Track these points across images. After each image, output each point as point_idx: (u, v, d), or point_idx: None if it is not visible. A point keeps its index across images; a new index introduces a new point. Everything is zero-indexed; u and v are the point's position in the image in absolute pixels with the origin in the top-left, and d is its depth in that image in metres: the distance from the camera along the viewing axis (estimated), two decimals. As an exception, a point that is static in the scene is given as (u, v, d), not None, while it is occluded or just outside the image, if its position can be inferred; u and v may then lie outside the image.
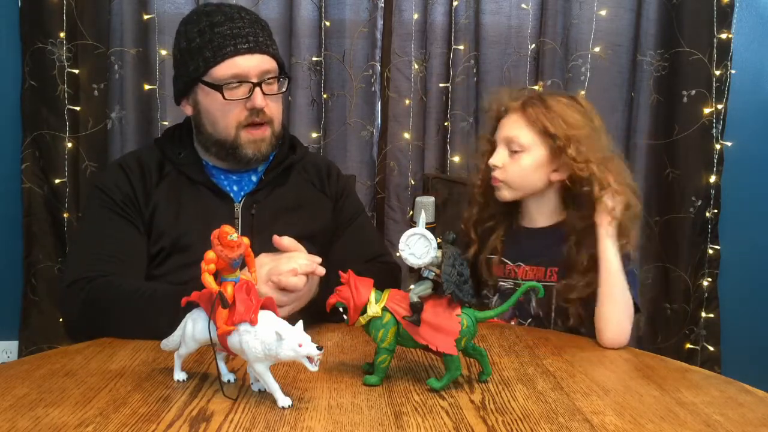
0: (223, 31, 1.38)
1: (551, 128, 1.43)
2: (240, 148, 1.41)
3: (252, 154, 1.42)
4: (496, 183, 1.49)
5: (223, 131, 1.41)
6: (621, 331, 1.30)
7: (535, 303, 1.48)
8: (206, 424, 0.87)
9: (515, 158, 1.46)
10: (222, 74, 1.37)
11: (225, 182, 1.48)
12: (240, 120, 1.40)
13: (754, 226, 2.48)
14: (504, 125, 1.49)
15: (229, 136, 1.41)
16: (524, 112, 1.47)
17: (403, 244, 1.00)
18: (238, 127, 1.40)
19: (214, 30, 1.38)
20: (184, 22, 1.44)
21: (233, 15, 1.40)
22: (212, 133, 1.43)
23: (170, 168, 1.46)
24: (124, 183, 1.42)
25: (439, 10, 2.34)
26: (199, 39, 1.39)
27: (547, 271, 1.48)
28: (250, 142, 1.42)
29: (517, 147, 1.46)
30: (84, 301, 1.28)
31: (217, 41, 1.37)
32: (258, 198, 1.47)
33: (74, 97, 2.28)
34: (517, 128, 1.46)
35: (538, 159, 1.45)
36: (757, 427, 0.94)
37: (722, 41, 2.33)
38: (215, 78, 1.38)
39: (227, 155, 1.44)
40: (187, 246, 1.37)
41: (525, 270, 1.49)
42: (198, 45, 1.39)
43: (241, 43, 1.38)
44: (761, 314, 2.50)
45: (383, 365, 1.02)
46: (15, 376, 1.03)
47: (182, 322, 1.01)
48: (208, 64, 1.38)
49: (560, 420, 0.92)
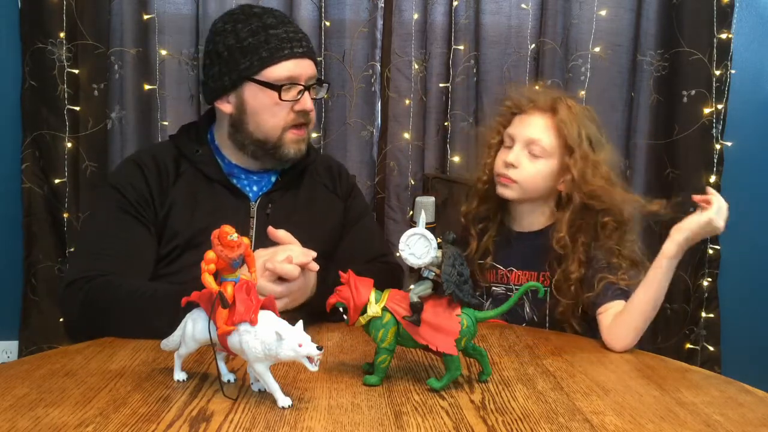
0: (279, 33, 1.42)
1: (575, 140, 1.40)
2: (283, 147, 1.45)
3: (293, 153, 1.46)
4: (507, 181, 1.45)
5: (269, 131, 1.44)
6: (635, 341, 1.27)
7: (528, 307, 1.47)
8: (206, 424, 0.87)
9: (534, 161, 1.43)
10: (277, 75, 1.41)
11: (245, 182, 1.49)
12: (288, 121, 1.43)
13: (754, 226, 2.48)
14: (524, 123, 1.46)
15: (274, 137, 1.44)
16: (553, 115, 1.43)
17: (403, 244, 1.00)
18: (284, 128, 1.44)
19: (268, 31, 1.41)
20: (231, 21, 1.45)
21: (284, 19, 1.46)
22: (254, 131, 1.44)
23: (187, 166, 1.46)
24: (139, 181, 1.42)
25: (439, 10, 2.34)
26: (252, 38, 1.41)
27: (540, 276, 1.46)
28: (293, 142, 1.45)
29: (538, 151, 1.43)
30: (83, 300, 1.28)
31: (274, 43, 1.41)
32: (273, 198, 1.49)
33: (74, 97, 2.28)
34: (542, 131, 1.43)
35: (553, 167, 1.43)
36: (757, 427, 0.94)
37: (722, 41, 2.33)
38: (270, 78, 1.41)
39: (265, 154, 1.46)
40: (200, 244, 1.36)
41: (518, 275, 1.48)
42: (252, 44, 1.41)
43: (296, 47, 1.42)
44: (761, 314, 2.50)
45: (383, 365, 1.03)
46: (15, 376, 1.03)
47: (182, 322, 1.01)
48: (264, 64, 1.40)
49: (560, 420, 0.92)
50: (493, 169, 1.49)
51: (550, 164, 1.43)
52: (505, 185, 1.45)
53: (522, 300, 1.45)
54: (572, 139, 1.41)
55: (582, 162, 1.40)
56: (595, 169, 1.41)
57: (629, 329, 1.27)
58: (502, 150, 1.48)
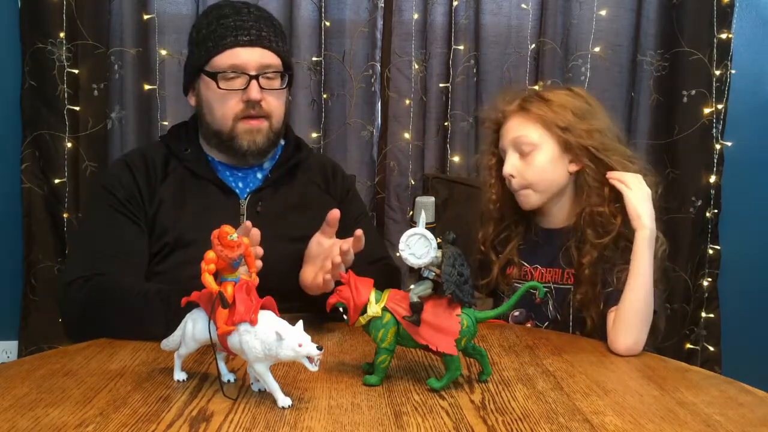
0: (227, 22, 1.40)
1: (555, 119, 1.39)
2: (236, 138, 1.43)
3: (247, 145, 1.43)
4: (519, 192, 1.44)
5: (220, 121, 1.43)
6: (636, 341, 1.25)
7: (552, 306, 1.46)
8: (206, 424, 0.87)
9: (528, 160, 1.42)
10: (220, 64, 1.40)
11: (230, 178, 1.49)
12: (236, 111, 1.41)
13: (754, 226, 2.48)
14: (507, 130, 1.45)
15: (226, 127, 1.42)
16: (525, 110, 1.43)
17: (403, 244, 1.00)
18: (235, 119, 1.42)
19: (219, 21, 1.41)
20: (198, 16, 1.48)
21: (241, 9, 1.43)
22: (211, 123, 1.45)
23: (176, 164, 1.46)
24: (128, 180, 1.42)
25: (439, 10, 2.34)
26: (205, 30, 1.42)
27: (564, 274, 1.45)
28: (245, 132, 1.42)
29: (527, 147, 1.41)
30: (81, 301, 1.28)
31: (220, 32, 1.40)
32: (263, 196, 1.47)
33: (74, 97, 2.28)
34: (522, 128, 1.43)
35: (552, 153, 1.41)
36: (757, 427, 0.93)
37: (722, 41, 2.33)
38: (214, 67, 1.40)
39: (225, 146, 1.45)
40: (190, 242, 1.37)
41: (542, 272, 1.46)
42: (203, 36, 1.42)
43: (242, 35, 1.40)
44: (761, 314, 2.50)
45: (383, 365, 1.02)
46: (15, 376, 1.03)
47: (182, 322, 1.01)
48: (210, 54, 1.40)
49: (560, 420, 0.92)
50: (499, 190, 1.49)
51: (546, 152, 1.41)
52: (521, 195, 1.44)
53: (547, 298, 1.44)
54: (550, 118, 1.40)
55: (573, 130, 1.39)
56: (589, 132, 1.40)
57: (626, 329, 1.25)
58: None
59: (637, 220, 1.30)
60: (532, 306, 1.48)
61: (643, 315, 1.27)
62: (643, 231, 1.29)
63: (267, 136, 1.44)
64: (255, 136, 1.43)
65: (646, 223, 1.30)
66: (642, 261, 1.28)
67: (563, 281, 1.45)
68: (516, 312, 1.49)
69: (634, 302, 1.27)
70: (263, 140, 1.44)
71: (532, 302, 1.47)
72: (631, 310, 1.27)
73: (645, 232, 1.29)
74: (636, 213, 1.31)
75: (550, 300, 1.45)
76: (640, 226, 1.30)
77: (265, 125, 1.44)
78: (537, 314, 1.48)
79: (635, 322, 1.26)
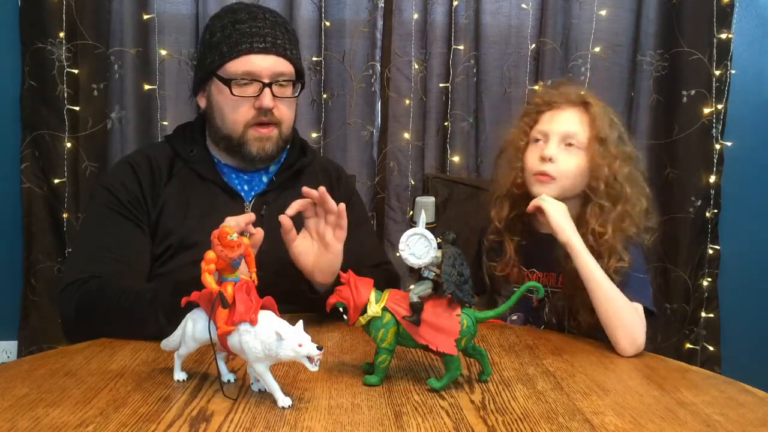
0: (243, 28, 1.40)
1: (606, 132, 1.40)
2: (245, 145, 1.42)
3: (256, 152, 1.43)
4: (545, 179, 1.41)
5: (230, 126, 1.42)
6: (632, 340, 1.24)
7: (548, 309, 1.47)
8: (206, 424, 0.87)
9: (570, 155, 1.41)
10: (234, 70, 1.39)
11: (236, 181, 1.49)
12: (248, 118, 1.41)
13: (754, 226, 2.49)
14: (558, 118, 1.43)
15: (236, 133, 1.42)
16: (586, 109, 1.43)
17: (403, 244, 1.00)
18: (246, 125, 1.42)
19: (235, 27, 1.40)
20: (212, 17, 1.47)
21: (257, 14, 1.43)
22: (221, 127, 1.44)
23: (181, 165, 1.46)
24: (131, 181, 1.42)
25: (439, 10, 2.34)
26: (219, 34, 1.41)
27: (559, 278, 1.44)
28: (255, 140, 1.42)
29: (575, 144, 1.41)
30: (76, 302, 1.28)
31: (235, 37, 1.40)
32: (268, 199, 1.47)
33: (74, 97, 2.28)
34: (577, 124, 1.42)
35: (586, 162, 1.41)
36: (757, 427, 0.94)
37: (722, 41, 2.33)
38: (228, 73, 1.40)
39: (233, 151, 1.45)
40: (194, 243, 1.37)
41: (538, 276, 1.46)
42: (218, 40, 1.41)
43: (257, 41, 1.39)
44: (761, 314, 2.50)
45: (383, 365, 1.02)
46: (15, 376, 1.03)
47: (182, 322, 1.01)
48: (224, 59, 1.40)
49: (560, 420, 0.92)
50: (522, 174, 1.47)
51: (584, 158, 1.41)
52: (543, 183, 1.42)
53: (543, 301, 1.45)
54: (604, 131, 1.41)
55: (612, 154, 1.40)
56: (623, 161, 1.41)
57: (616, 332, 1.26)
58: (531, 149, 1.45)
59: (561, 234, 1.34)
60: (529, 310, 1.48)
61: (623, 313, 1.27)
62: (570, 241, 1.33)
63: (276, 144, 1.45)
64: (265, 143, 1.43)
65: (569, 234, 1.34)
66: (587, 268, 1.31)
67: (558, 285, 1.45)
68: (514, 316, 1.49)
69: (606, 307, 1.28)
70: (272, 147, 1.44)
71: (530, 306, 1.47)
72: (610, 314, 1.27)
73: (571, 241, 1.33)
74: (559, 227, 1.34)
75: (547, 303, 1.46)
76: (566, 239, 1.34)
77: (275, 133, 1.44)
78: (534, 318, 1.48)
79: (619, 324, 1.26)
